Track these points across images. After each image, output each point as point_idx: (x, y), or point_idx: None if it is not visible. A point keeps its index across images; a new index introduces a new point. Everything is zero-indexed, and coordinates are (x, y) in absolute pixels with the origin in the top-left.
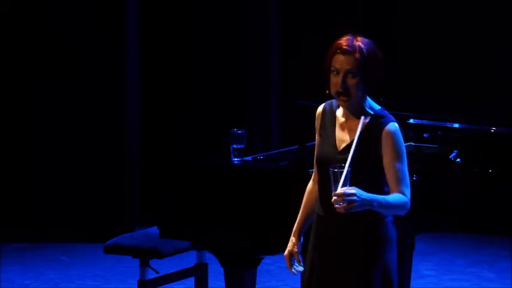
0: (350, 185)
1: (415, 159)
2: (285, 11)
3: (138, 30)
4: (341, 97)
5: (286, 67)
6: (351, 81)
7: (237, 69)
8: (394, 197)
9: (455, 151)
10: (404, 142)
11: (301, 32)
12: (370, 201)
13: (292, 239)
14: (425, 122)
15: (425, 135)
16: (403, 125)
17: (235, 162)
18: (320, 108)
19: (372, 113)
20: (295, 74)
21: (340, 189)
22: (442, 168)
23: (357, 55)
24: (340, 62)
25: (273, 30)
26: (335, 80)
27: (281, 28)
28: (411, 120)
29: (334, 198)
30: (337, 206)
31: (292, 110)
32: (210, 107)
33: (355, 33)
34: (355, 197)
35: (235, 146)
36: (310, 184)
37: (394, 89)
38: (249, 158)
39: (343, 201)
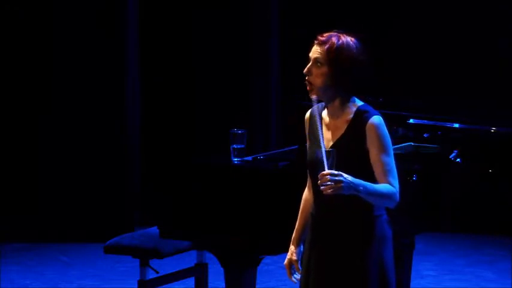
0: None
1: (415, 159)
2: (286, 11)
3: (138, 30)
4: (307, 85)
5: (286, 67)
6: (316, 70)
7: (237, 69)
8: (382, 186)
9: (455, 151)
10: (404, 142)
11: (301, 32)
12: (357, 185)
13: (292, 248)
14: (425, 122)
15: (425, 135)
16: (403, 125)
17: (235, 162)
18: (307, 114)
19: (354, 109)
20: (295, 74)
21: (326, 170)
22: (442, 168)
23: (326, 46)
24: (312, 51)
25: (273, 30)
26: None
27: (281, 28)
28: (411, 120)
29: (320, 179)
30: (323, 187)
31: (292, 109)
32: (210, 107)
33: (345, 32)
34: (341, 178)
35: (235, 146)
36: (306, 192)
37: (394, 89)
38: (249, 158)
39: (330, 180)
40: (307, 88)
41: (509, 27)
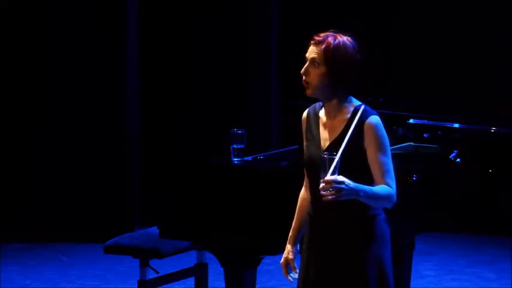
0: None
1: (415, 159)
2: (286, 11)
3: (138, 30)
4: (304, 85)
5: (286, 67)
6: (314, 70)
7: (237, 69)
8: (380, 188)
9: (455, 151)
10: (404, 142)
11: (301, 32)
12: (357, 191)
13: (288, 247)
14: (425, 122)
15: (425, 135)
16: (403, 125)
17: (235, 162)
18: (304, 114)
19: (352, 108)
20: (295, 74)
21: (329, 177)
22: (442, 168)
23: (323, 46)
24: (309, 51)
25: (273, 30)
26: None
27: (281, 28)
28: (411, 120)
29: (322, 185)
30: (323, 192)
31: (292, 110)
32: (210, 107)
33: (341, 32)
34: (343, 185)
35: (235, 146)
36: (302, 191)
37: (394, 89)
38: (249, 158)
39: (332, 188)
40: (306, 91)
41: (509, 27)
